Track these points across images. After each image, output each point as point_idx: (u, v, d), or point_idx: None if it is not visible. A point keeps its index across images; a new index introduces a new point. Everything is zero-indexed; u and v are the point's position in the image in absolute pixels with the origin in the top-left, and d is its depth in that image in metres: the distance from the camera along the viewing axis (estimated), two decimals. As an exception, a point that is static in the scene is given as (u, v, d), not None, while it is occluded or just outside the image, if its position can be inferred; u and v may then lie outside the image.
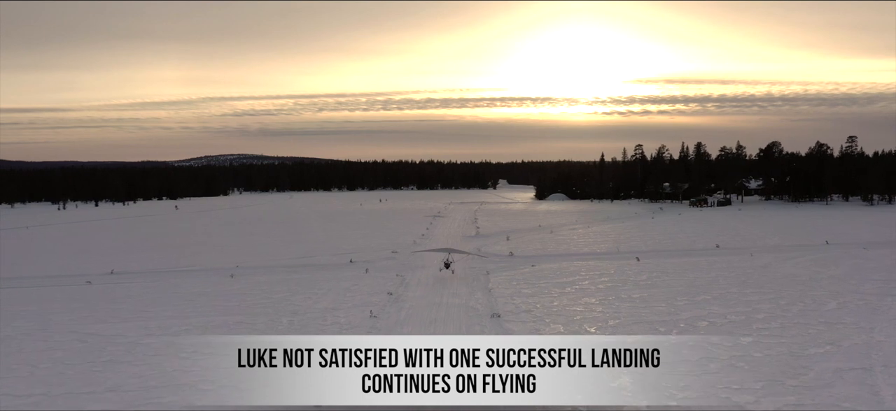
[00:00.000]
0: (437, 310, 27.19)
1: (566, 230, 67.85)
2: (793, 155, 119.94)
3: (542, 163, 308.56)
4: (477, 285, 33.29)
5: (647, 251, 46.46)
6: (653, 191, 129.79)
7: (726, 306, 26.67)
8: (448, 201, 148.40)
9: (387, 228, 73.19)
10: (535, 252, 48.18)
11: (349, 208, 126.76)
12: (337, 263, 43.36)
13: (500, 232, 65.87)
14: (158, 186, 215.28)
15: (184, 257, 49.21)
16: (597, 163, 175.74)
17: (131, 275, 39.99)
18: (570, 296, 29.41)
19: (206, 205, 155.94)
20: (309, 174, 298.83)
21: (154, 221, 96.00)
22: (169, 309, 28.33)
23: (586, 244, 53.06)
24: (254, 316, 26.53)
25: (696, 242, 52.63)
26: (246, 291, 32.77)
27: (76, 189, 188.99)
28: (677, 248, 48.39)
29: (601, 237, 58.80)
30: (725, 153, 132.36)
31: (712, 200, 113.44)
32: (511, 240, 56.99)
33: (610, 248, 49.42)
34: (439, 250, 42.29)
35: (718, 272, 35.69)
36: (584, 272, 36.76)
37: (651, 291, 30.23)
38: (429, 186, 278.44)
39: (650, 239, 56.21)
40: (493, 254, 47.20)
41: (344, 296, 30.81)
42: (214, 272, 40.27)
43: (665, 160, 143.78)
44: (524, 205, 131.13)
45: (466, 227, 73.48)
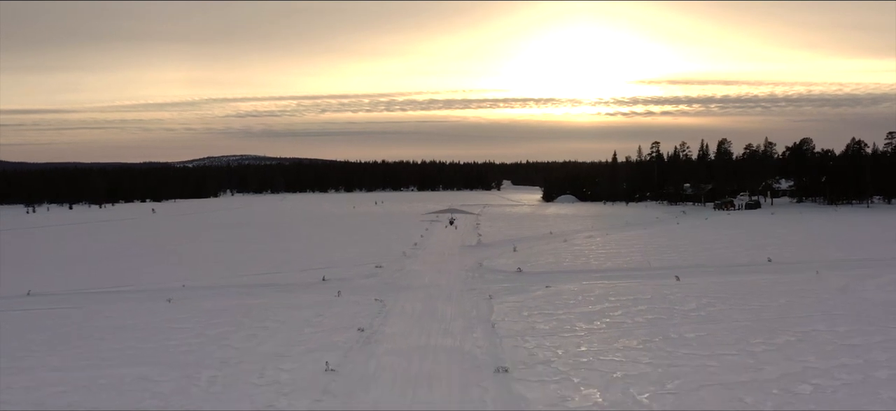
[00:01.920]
0: (421, 360, 20.21)
1: (581, 238, 60.83)
2: (827, 153, 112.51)
3: (547, 163, 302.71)
4: (476, 316, 26.32)
5: (686, 266, 39.37)
6: (672, 192, 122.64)
7: (824, 354, 19.60)
8: (449, 204, 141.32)
9: (376, 235, 66.32)
10: (547, 266, 41.17)
11: (340, 211, 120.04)
12: (306, 282, 36.42)
13: (506, 240, 58.93)
14: (143, 188, 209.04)
15: (124, 273, 42.36)
16: (608, 162, 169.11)
17: (48, 298, 33.12)
18: (602, 337, 22.39)
19: (190, 207, 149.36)
20: (306, 175, 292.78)
21: (119, 227, 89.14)
22: (58, 352, 21.43)
23: (608, 256, 46.00)
24: (166, 369, 19.56)
25: (739, 254, 45.53)
26: (176, 324, 25.83)
27: (54, 190, 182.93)
28: (721, 263, 41.28)
29: (625, 247, 51.72)
30: (751, 151, 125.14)
31: (739, 202, 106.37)
32: (519, 250, 50.04)
33: (638, 262, 42.36)
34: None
35: (787, 298, 28.61)
36: (613, 297, 29.72)
37: (710, 329, 23.18)
38: (430, 187, 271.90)
39: (683, 249, 49.11)
40: (497, 269, 40.23)
41: (299, 333, 23.85)
42: (151, 294, 33.38)
43: (682, 159, 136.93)
44: (531, 208, 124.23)
45: (467, 235, 66.50)
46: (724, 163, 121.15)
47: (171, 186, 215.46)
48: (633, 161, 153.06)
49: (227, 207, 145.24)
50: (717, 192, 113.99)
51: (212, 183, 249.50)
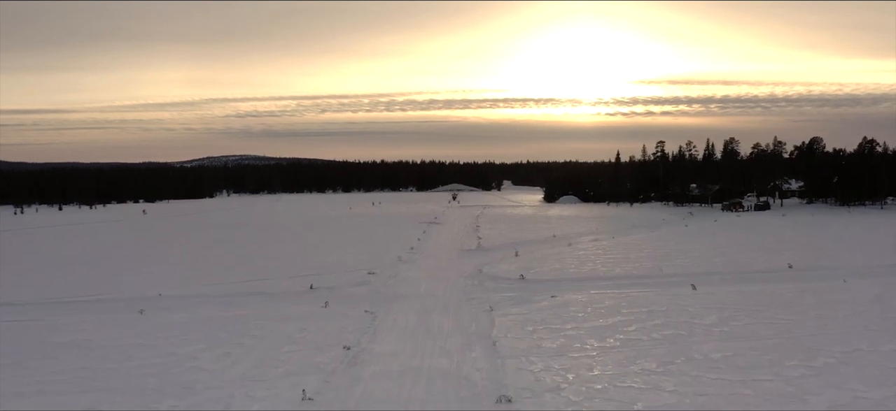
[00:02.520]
0: (413, 385, 17.94)
1: (587, 241, 58.52)
2: (839, 152, 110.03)
3: (548, 163, 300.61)
4: (476, 331, 24.04)
5: (700, 273, 37.05)
6: (678, 193, 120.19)
7: (871, 381, 17.32)
8: (448, 204, 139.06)
9: (371, 239, 64.03)
10: (552, 273, 38.85)
11: (336, 212, 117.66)
12: (292, 290, 34.12)
13: (507, 244, 56.62)
14: (137, 188, 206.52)
15: (100, 280, 40.08)
16: (611, 162, 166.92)
17: (14, 309, 30.82)
18: (617, 358, 20.09)
19: (182, 208, 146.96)
20: (304, 175, 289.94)
21: (104, 229, 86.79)
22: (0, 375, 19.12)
23: (616, 262, 43.67)
24: (120, 397, 17.26)
25: (756, 259, 43.19)
26: (143, 340, 23.55)
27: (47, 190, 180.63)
28: (737, 269, 38.97)
29: (633, 251, 49.40)
30: (759, 151, 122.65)
31: (748, 203, 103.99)
32: (521, 255, 47.73)
33: (649, 269, 40.05)
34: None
35: (817, 310, 26.31)
36: (625, 308, 27.43)
37: (736, 347, 20.89)
38: (429, 187, 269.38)
39: (695, 254, 46.79)
40: (499, 277, 37.95)
41: (278, 351, 21.57)
42: (125, 304, 31.07)
43: (687, 159, 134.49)
44: (533, 209, 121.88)
45: (466, 237, 64.20)
46: (732, 162, 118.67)
47: (167, 187, 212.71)
48: (636, 161, 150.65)
49: (220, 208, 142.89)
50: (724, 193, 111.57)
51: (208, 183, 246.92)
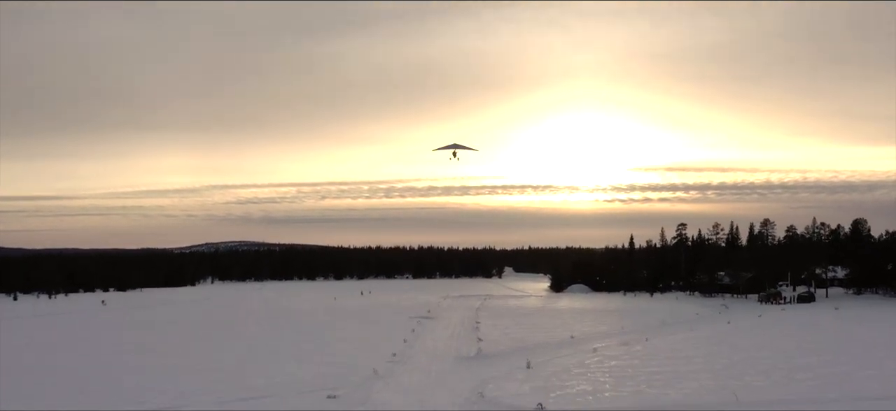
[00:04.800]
0: None
1: (615, 345, 47.86)
2: (893, 235, 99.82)
3: (550, 249, 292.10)
4: None
5: (794, 402, 26.26)
6: (706, 282, 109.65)
7: None
8: (444, 294, 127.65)
9: (345, 340, 53.24)
10: (584, 402, 28.07)
11: (319, 304, 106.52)
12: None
13: (515, 348, 46.03)
14: (108, 276, 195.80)
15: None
16: (622, 248, 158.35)
17: None
18: None
19: (148, 298, 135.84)
20: (295, 261, 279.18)
21: (37, 326, 75.37)
22: None
23: (666, 380, 32.82)
24: None
25: (864, 381, 31.80)
26: None
27: (11, 279, 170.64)
28: (832, 397, 27.90)
29: (681, 362, 38.63)
30: (792, 235, 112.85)
31: (788, 295, 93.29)
32: (534, 367, 36.99)
33: (714, 390, 29.25)
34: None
35: None
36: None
37: None
38: (426, 275, 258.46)
39: (766, 369, 35.80)
40: (506, 405, 27.25)
41: None
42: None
43: (709, 244, 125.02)
44: (540, 300, 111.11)
45: (464, 339, 53.37)
46: (765, 248, 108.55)
47: (145, 274, 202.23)
48: (654, 246, 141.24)
49: (188, 299, 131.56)
50: (757, 282, 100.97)
51: (195, 269, 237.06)
